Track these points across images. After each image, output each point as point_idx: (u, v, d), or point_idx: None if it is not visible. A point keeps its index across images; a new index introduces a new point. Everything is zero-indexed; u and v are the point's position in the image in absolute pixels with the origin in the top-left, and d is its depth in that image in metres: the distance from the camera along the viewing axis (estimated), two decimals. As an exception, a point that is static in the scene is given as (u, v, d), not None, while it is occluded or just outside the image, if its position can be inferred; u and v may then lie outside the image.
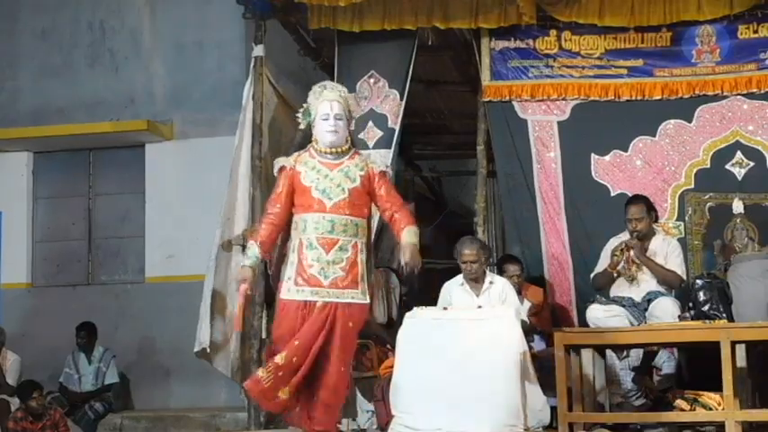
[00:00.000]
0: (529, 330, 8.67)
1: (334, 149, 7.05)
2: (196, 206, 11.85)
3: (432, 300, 8.76)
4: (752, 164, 9.37)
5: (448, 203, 12.87)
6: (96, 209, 13.27)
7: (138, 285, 12.85)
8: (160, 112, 12.82)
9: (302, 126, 7.18)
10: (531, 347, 8.20)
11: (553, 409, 7.95)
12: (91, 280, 13.14)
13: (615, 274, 8.72)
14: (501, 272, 9.14)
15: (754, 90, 9.37)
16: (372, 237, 7.23)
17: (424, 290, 9.45)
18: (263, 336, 9.57)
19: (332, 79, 10.09)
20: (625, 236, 8.76)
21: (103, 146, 13.09)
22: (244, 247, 9.42)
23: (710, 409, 7.93)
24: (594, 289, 8.89)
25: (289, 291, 6.89)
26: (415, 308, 8.05)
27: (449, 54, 10.51)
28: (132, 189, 13.05)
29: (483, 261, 8.63)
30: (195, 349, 9.47)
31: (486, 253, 8.82)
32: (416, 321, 7.87)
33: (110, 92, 12.94)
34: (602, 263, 8.84)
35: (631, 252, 8.65)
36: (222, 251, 9.63)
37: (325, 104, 7.04)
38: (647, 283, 8.64)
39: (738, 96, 9.41)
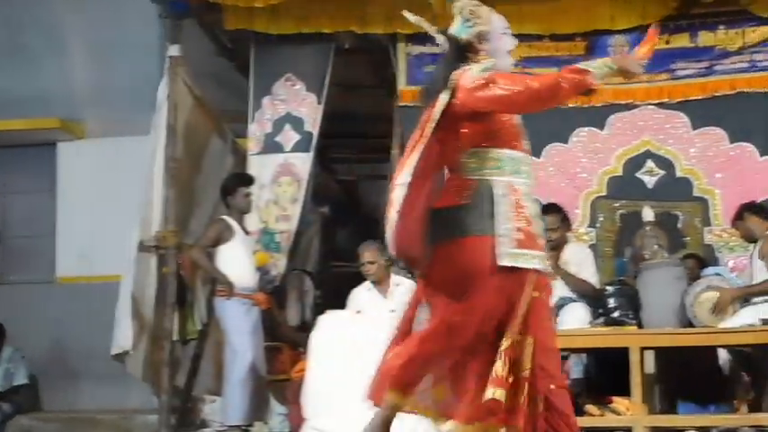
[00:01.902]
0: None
1: None
2: (109, 206, 11.72)
3: (345, 303, 8.78)
4: (662, 172, 9.51)
5: (363, 208, 12.88)
6: (7, 207, 13.10)
7: (49, 285, 12.68)
8: (74, 110, 12.68)
9: (441, 42, 5.28)
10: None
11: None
12: (1, 280, 12.97)
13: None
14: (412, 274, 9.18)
15: (666, 100, 9.52)
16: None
17: (337, 293, 9.46)
18: (174, 338, 9.50)
19: (247, 82, 10.08)
20: (539, 243, 8.82)
21: (15, 144, 12.91)
22: (157, 248, 9.38)
23: (620, 414, 8.03)
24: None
25: (509, 255, 4.93)
26: (328, 311, 8.07)
27: (366, 58, 10.52)
28: (44, 188, 12.89)
29: (383, 263, 8.69)
30: (113, 352, 9.35)
31: (386, 255, 8.86)
32: (330, 324, 7.89)
33: (23, 89, 12.73)
34: (514, 270, 8.88)
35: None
36: (139, 253, 9.54)
37: (500, 18, 5.35)
38: (559, 288, 8.70)
39: (650, 106, 9.56)
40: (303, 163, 9.80)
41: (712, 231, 9.41)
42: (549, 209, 8.91)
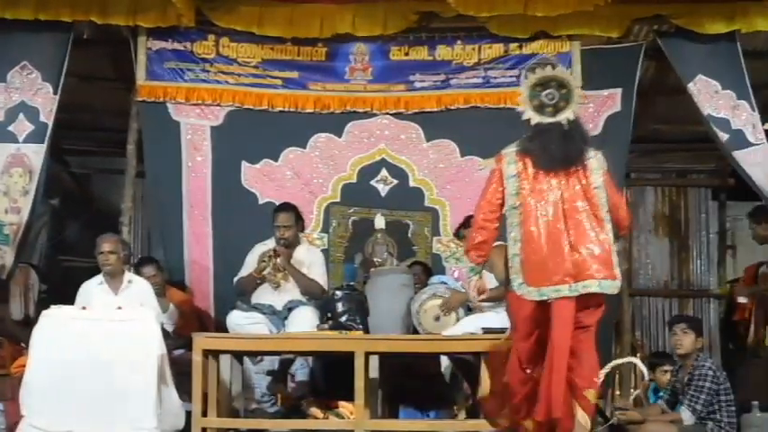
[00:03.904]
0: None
1: None
2: None
3: (74, 298, 8.60)
4: (396, 181, 9.69)
5: (96, 202, 12.65)
6: None
7: None
8: None
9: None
10: (170, 353, 8.17)
11: (188, 414, 7.95)
12: None
13: (259, 280, 8.81)
14: (138, 275, 9.06)
15: (402, 110, 9.70)
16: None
17: (65, 288, 9.25)
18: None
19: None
20: (271, 243, 8.86)
21: None
22: None
23: (343, 418, 8.13)
24: (237, 294, 8.93)
25: None
26: (52, 306, 7.88)
27: (105, 50, 10.33)
28: None
29: (121, 256, 8.58)
30: None
31: (126, 249, 8.76)
32: (53, 320, 7.71)
33: None
34: (247, 268, 8.90)
35: (278, 259, 8.76)
36: None
37: None
38: (290, 291, 8.77)
39: (387, 115, 9.72)
40: (36, 154, 9.49)
41: (441, 241, 9.66)
42: (283, 207, 9.00)
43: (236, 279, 8.98)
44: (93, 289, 8.64)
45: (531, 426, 6.13)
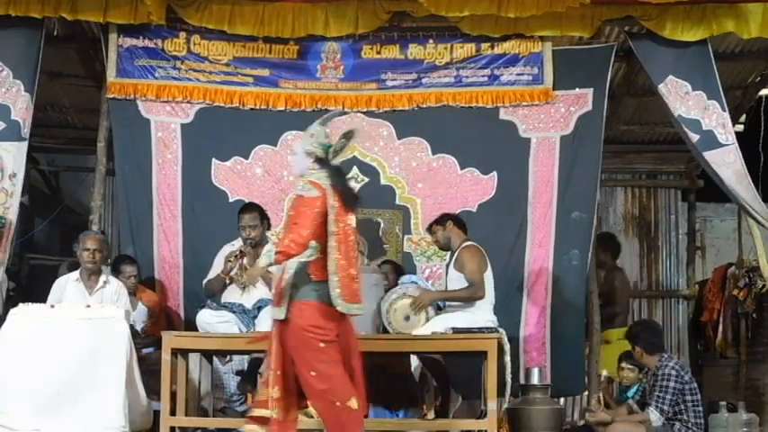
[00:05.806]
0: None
1: None
2: None
3: (41, 296, 8.55)
4: (367, 179, 9.68)
5: (65, 199, 12.59)
6: None
7: None
8: None
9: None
10: (139, 351, 8.13)
11: (157, 413, 7.92)
12: None
13: (228, 281, 8.79)
14: (117, 272, 9.03)
15: (374, 108, 9.69)
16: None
17: (31, 286, 9.20)
18: None
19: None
20: (238, 243, 8.84)
21: None
22: None
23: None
24: (207, 295, 8.91)
25: None
26: (21, 304, 7.84)
27: (74, 47, 10.26)
28: None
29: (105, 253, 8.59)
30: None
31: (107, 250, 8.76)
32: (21, 318, 7.69)
33: None
34: (216, 269, 8.88)
35: (244, 259, 8.74)
36: None
37: None
38: (259, 290, 8.74)
39: (358, 113, 9.70)
40: (7, 152, 9.34)
41: (411, 239, 9.66)
42: (247, 207, 8.98)
43: (204, 281, 8.96)
44: (68, 284, 8.64)
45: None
